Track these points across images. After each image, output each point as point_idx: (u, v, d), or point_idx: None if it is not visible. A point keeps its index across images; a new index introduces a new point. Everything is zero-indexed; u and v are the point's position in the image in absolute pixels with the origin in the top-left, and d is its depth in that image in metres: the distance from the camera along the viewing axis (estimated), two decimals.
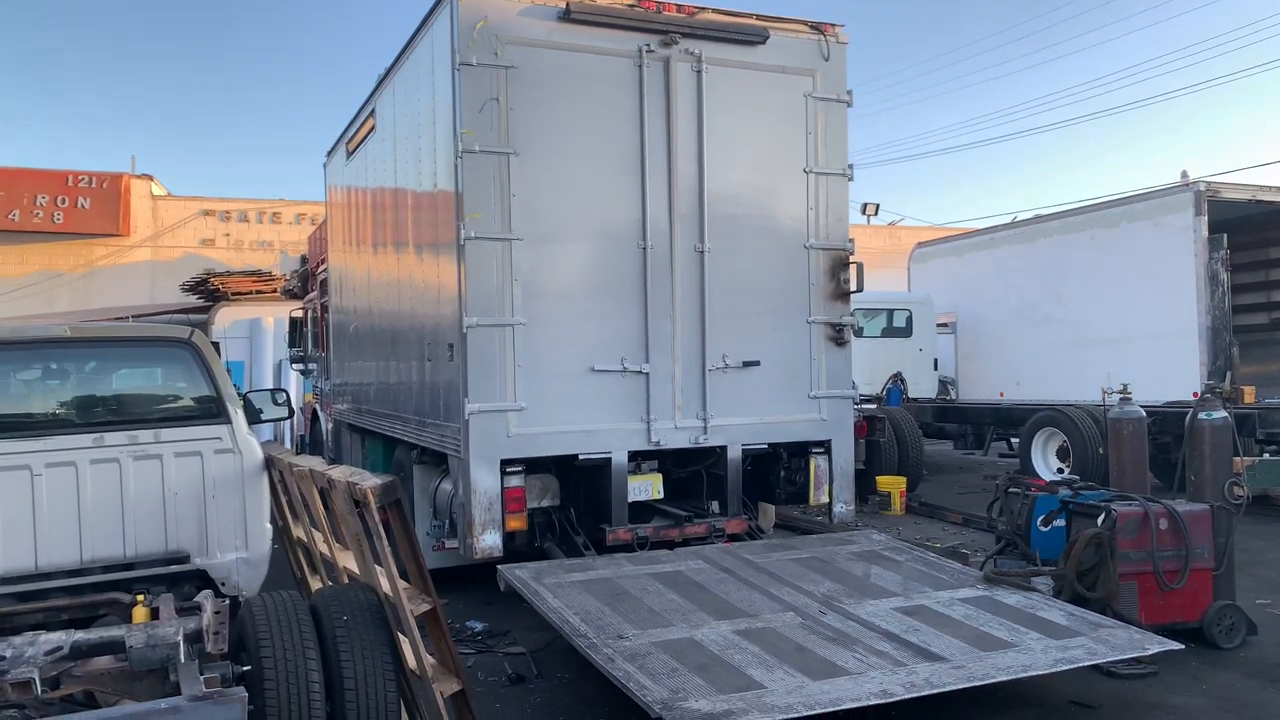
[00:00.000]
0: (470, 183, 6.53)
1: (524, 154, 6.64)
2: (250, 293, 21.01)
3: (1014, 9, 67.19)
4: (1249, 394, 11.37)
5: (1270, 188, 12.15)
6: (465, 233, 6.50)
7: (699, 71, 7.10)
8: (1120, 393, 8.75)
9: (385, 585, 4.22)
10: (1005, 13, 67.59)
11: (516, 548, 6.83)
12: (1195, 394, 10.93)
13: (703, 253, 7.14)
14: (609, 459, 6.90)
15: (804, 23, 7.45)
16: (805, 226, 7.48)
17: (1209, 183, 11.71)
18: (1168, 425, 10.87)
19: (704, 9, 7.15)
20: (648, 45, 6.95)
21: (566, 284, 6.86)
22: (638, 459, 7.09)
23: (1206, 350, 11.37)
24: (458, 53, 6.48)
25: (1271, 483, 10.52)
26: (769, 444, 7.45)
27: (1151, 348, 11.85)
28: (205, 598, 4.03)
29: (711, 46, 7.13)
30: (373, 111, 9.06)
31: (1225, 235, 11.55)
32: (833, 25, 7.53)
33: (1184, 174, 13.18)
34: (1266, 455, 11.22)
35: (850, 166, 7.64)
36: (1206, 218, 11.40)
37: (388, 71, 8.47)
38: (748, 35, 7.22)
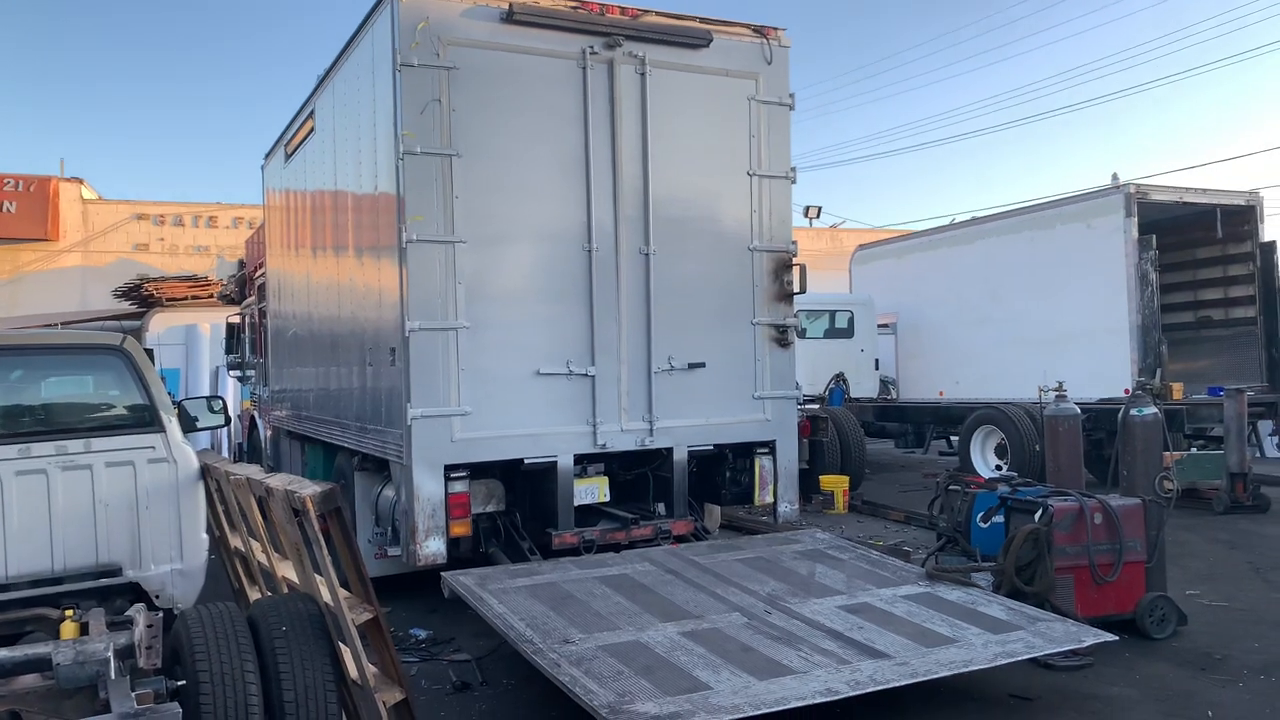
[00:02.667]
0: (412, 185, 6.46)
1: (467, 156, 6.58)
2: (186, 298, 20.50)
3: (953, 14, 68.53)
4: (1177, 390, 11.74)
5: (1196, 189, 12.57)
6: (407, 235, 6.42)
7: (643, 74, 7.11)
8: (1056, 391, 8.96)
9: (326, 594, 4.14)
10: (944, 17, 68.88)
11: (461, 554, 6.77)
12: (1126, 391, 11.25)
13: (648, 255, 7.14)
14: (555, 463, 6.87)
15: (747, 26, 7.51)
16: (749, 229, 7.53)
17: (1139, 185, 12.06)
18: (1101, 422, 11.16)
19: (647, 12, 7.17)
20: (591, 47, 6.94)
21: (511, 287, 6.81)
22: (584, 462, 7.06)
23: (1137, 348, 11.71)
24: (399, 53, 6.41)
25: (1199, 476, 10.86)
26: (714, 445, 7.48)
27: (1085, 346, 12.17)
28: (137, 611, 3.91)
29: (655, 49, 7.14)
30: (312, 113, 8.91)
31: (1154, 236, 11.91)
32: (775, 29, 7.59)
33: (1115, 176, 13.57)
34: (1194, 450, 11.61)
35: (793, 169, 7.71)
36: (1136, 219, 11.75)
37: (327, 72, 8.34)
38: (691, 38, 7.24)
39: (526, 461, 6.82)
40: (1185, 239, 13.67)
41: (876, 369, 16.07)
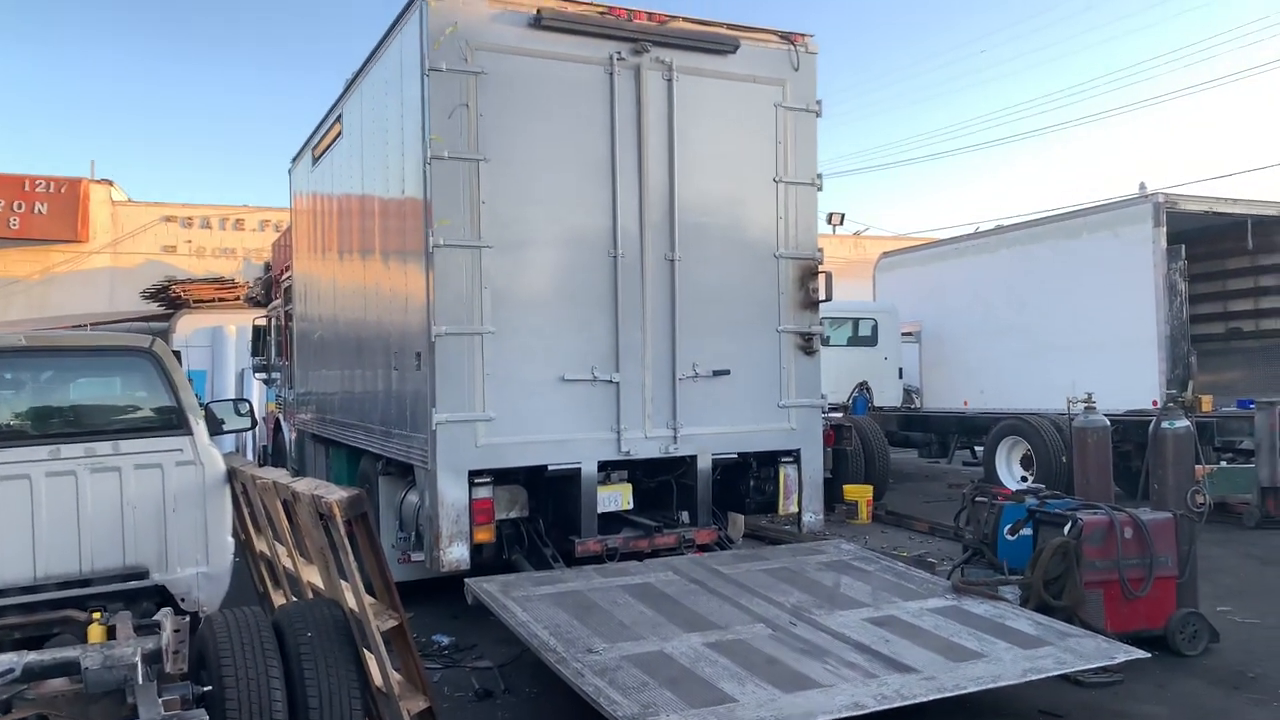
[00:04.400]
0: (439, 189, 6.47)
1: (494, 161, 6.59)
2: (212, 300, 20.69)
3: (976, 23, 68.13)
4: (1206, 403, 11.58)
5: (1227, 199, 12.39)
6: (434, 240, 6.42)
7: (670, 80, 7.09)
8: (1085, 402, 8.85)
9: (351, 600, 4.14)
10: (968, 25, 68.55)
11: (484, 560, 6.75)
12: (1155, 402, 11.13)
13: (673, 261, 7.12)
14: (578, 469, 6.85)
15: (774, 32, 7.47)
16: (775, 236, 7.49)
17: (1167, 194, 11.90)
18: (1129, 433, 11.01)
19: (675, 18, 7.15)
20: (619, 53, 6.93)
21: (537, 292, 6.81)
22: (607, 469, 7.04)
23: (1166, 359, 11.55)
24: (427, 58, 6.42)
25: (1229, 490, 10.70)
26: (739, 453, 7.43)
27: (1112, 357, 12.01)
28: (165, 616, 3.92)
29: (682, 55, 7.13)
30: (340, 117, 8.95)
31: (1183, 246, 11.75)
32: (803, 35, 7.56)
33: (1142, 185, 13.44)
34: (1224, 463, 11.44)
35: (819, 176, 7.67)
36: (1165, 229, 11.59)
37: (355, 76, 8.37)
38: (718, 44, 7.22)
39: (550, 468, 6.81)
40: (1215, 249, 13.49)
41: (900, 377, 15.95)
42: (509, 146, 6.64)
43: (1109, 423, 8.63)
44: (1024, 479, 12.50)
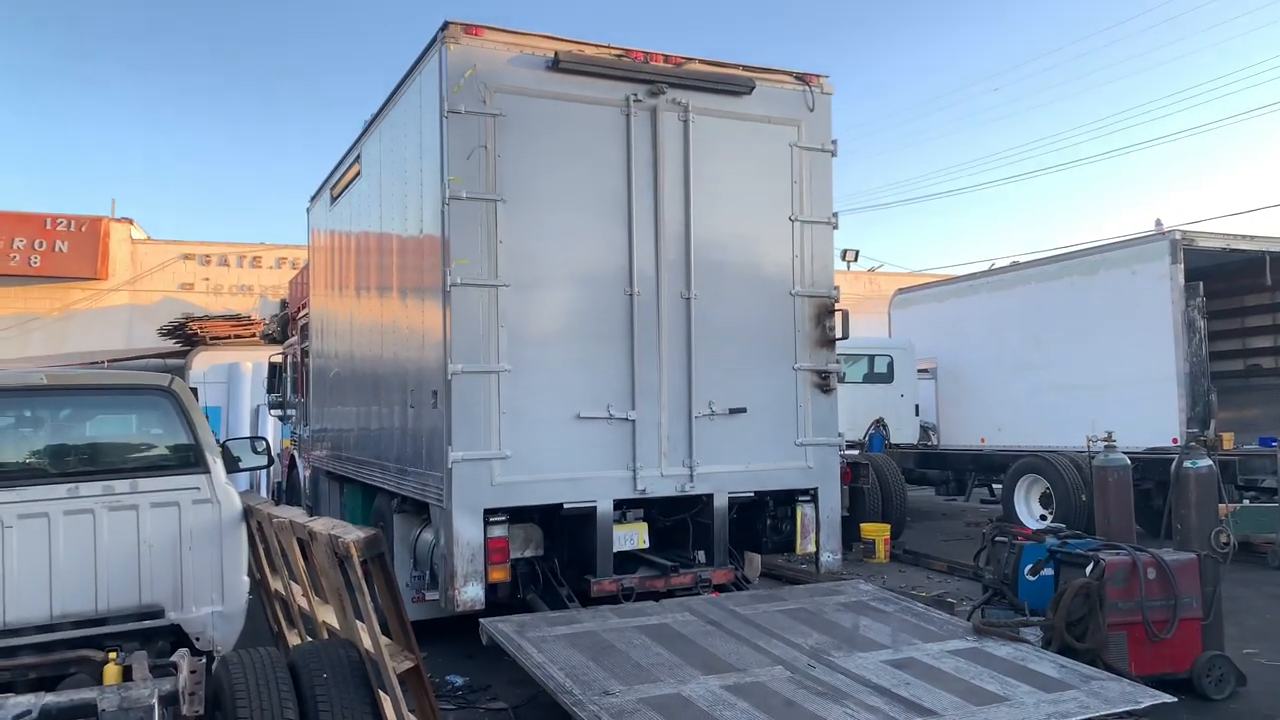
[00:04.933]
0: (457, 229, 6.51)
1: (511, 201, 6.64)
2: (229, 337, 20.86)
3: (991, 59, 68.65)
4: (1228, 440, 11.45)
5: (1244, 236, 12.35)
6: (451, 279, 6.46)
7: (685, 121, 7.14)
8: (1105, 440, 8.76)
9: (366, 641, 4.11)
10: (982, 62, 69.04)
11: (499, 599, 6.70)
12: (1174, 440, 11.02)
13: (689, 299, 7.13)
14: (594, 508, 6.81)
15: (789, 73, 7.54)
16: (791, 274, 7.50)
17: (1184, 231, 11.88)
18: (1148, 472, 10.89)
19: (691, 59, 7.22)
20: (635, 95, 7.00)
21: (553, 330, 6.82)
22: (623, 508, 7.00)
23: (1185, 396, 11.46)
24: (446, 100, 6.50)
25: (1252, 529, 10.56)
26: (755, 492, 7.39)
27: (1130, 394, 11.92)
28: (181, 657, 3.90)
29: (698, 96, 7.19)
30: (358, 157, 9.05)
31: (1201, 283, 11.70)
32: (818, 76, 7.62)
33: (1158, 222, 13.40)
34: (1247, 502, 11.29)
35: (835, 215, 7.68)
36: (1183, 266, 11.56)
37: (374, 117, 8.48)
38: (734, 85, 7.28)
39: (566, 506, 6.77)
40: (1233, 286, 13.43)
41: (917, 414, 15.86)
42: (526, 187, 6.70)
43: (1129, 461, 8.53)
44: (1043, 517, 12.37)
